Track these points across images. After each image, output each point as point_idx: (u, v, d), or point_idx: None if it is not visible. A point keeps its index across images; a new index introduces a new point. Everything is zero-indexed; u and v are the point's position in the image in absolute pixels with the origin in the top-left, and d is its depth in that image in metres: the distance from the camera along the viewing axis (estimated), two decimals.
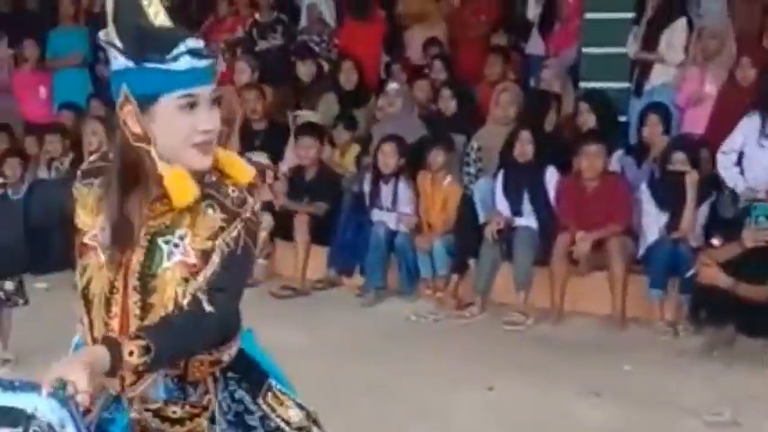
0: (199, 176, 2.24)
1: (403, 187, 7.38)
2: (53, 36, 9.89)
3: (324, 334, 6.32)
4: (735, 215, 6.43)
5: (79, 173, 2.33)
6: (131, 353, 2.10)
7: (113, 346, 2.11)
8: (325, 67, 9.26)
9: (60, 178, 2.28)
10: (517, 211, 7.02)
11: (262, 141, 8.45)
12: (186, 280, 2.23)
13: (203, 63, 2.18)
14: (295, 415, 2.46)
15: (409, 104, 8.25)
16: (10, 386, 2.06)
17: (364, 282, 7.35)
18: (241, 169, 2.31)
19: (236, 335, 2.41)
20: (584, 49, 8.14)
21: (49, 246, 2.37)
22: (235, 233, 2.25)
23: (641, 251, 6.73)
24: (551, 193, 7.01)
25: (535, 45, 8.97)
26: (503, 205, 7.05)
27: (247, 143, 8.46)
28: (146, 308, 2.25)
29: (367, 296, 7.23)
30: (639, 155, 7.26)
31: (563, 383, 5.51)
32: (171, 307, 2.23)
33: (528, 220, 6.99)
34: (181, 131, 2.17)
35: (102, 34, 2.20)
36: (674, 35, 7.65)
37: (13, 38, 10.13)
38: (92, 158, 2.37)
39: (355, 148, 8.21)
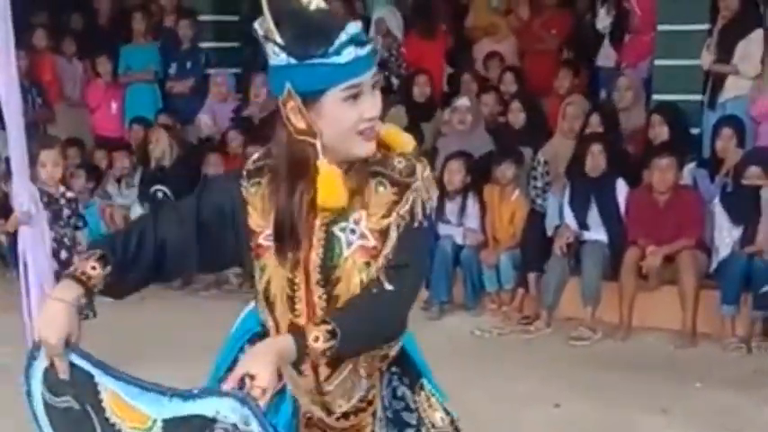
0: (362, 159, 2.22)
1: (470, 203, 7.33)
2: (125, 52, 10.00)
3: None
4: None
5: (245, 173, 2.30)
6: (317, 338, 2.11)
7: (298, 333, 2.13)
8: (393, 80, 9.24)
9: (230, 175, 2.23)
10: (585, 225, 6.91)
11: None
12: (368, 264, 2.21)
13: (365, 50, 2.13)
14: (440, 419, 2.46)
15: (477, 118, 8.19)
16: (190, 395, 2.09)
17: (429, 295, 7.29)
18: (402, 139, 2.28)
19: (406, 326, 2.39)
20: (657, 62, 8.02)
21: (220, 244, 2.33)
22: (408, 205, 2.22)
23: (713, 266, 6.59)
24: (621, 207, 6.89)
25: (606, 57, 8.85)
26: (570, 219, 6.94)
27: None
28: (331, 300, 2.24)
29: (432, 310, 7.17)
30: (712, 168, 7.11)
31: (630, 400, 5.40)
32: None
33: (597, 233, 6.88)
34: (346, 122, 2.15)
35: (258, 26, 2.15)
36: (750, 47, 7.48)
37: (85, 53, 10.30)
38: (254, 157, 2.33)
39: None
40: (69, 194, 5.89)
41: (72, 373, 2.20)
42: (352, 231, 2.21)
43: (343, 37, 2.08)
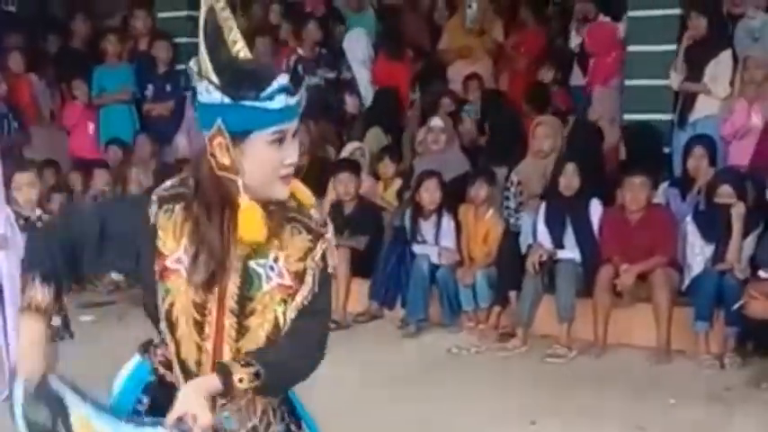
0: (280, 203, 2.34)
1: (446, 221, 7.38)
2: (98, 73, 10.00)
3: (365, 366, 6.30)
4: None
5: (156, 198, 2.37)
6: (241, 380, 2.25)
7: (226, 374, 2.25)
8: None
9: (135, 201, 2.31)
10: (559, 244, 6.96)
11: (303, 176, 8.49)
12: (284, 301, 2.34)
13: (293, 100, 2.24)
14: None
15: (452, 138, 8.26)
16: (142, 423, 2.26)
17: (406, 314, 7.34)
18: (305, 194, 2.42)
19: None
20: (627, 82, 8.11)
21: (122, 253, 2.43)
22: (321, 252, 2.38)
23: (686, 283, 6.65)
24: (595, 226, 6.95)
25: (577, 77, 8.95)
26: (544, 237, 7.00)
27: None
28: (242, 330, 2.34)
29: (409, 328, 7.21)
30: (684, 187, 7.20)
31: (606, 417, 5.44)
32: (269, 328, 2.34)
33: (571, 252, 6.93)
34: (269, 165, 2.26)
35: (193, 65, 2.25)
36: (719, 68, 7.58)
37: (61, 76, 10.29)
38: (168, 184, 2.41)
39: (397, 182, 8.23)
40: (46, 217, 5.88)
41: (47, 396, 2.33)
42: (271, 269, 2.33)
43: (275, 85, 2.19)
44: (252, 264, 2.32)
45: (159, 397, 2.41)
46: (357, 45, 9.77)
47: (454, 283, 7.21)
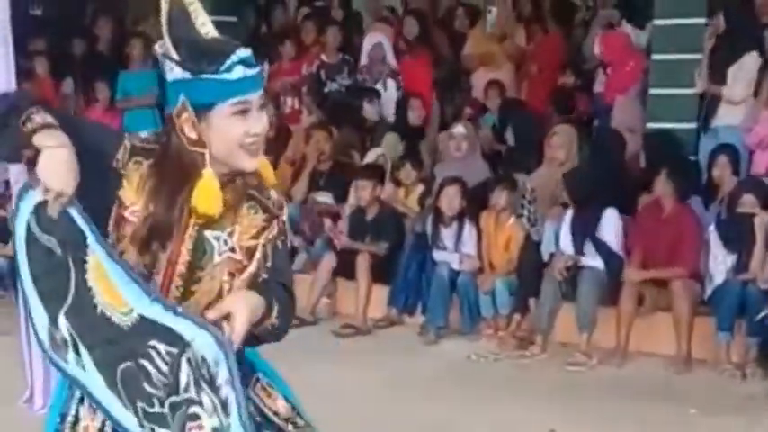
0: (243, 179, 2.41)
1: (467, 229, 7.37)
2: (123, 78, 10.07)
3: (385, 372, 6.29)
4: None
5: (128, 145, 2.39)
6: (275, 313, 2.35)
7: (270, 302, 2.34)
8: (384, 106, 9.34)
9: (114, 138, 2.32)
10: (581, 251, 6.94)
11: (326, 182, 8.54)
12: (232, 275, 2.40)
13: (253, 71, 2.32)
14: (282, 407, 2.55)
15: (473, 145, 8.25)
16: (172, 308, 2.24)
17: (425, 321, 7.33)
18: (270, 173, 2.47)
19: None
20: (652, 90, 8.07)
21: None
22: (275, 232, 2.45)
23: (708, 292, 6.61)
24: (612, 235, 6.91)
25: (601, 83, 8.92)
26: (567, 244, 6.98)
27: (312, 183, 8.55)
28: (186, 294, 2.39)
29: (428, 335, 7.20)
30: (708, 196, 7.16)
31: (626, 426, 5.42)
32: (211, 296, 2.37)
33: (594, 259, 6.91)
34: (234, 136, 2.32)
35: (158, 46, 2.34)
36: (741, 72, 7.51)
37: (84, 79, 10.34)
38: (143, 137, 2.46)
39: (419, 188, 8.23)
40: None
41: (63, 221, 2.25)
42: (225, 242, 2.39)
43: (234, 58, 2.27)
44: (207, 234, 2.38)
45: None
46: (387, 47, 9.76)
47: (474, 290, 7.20)
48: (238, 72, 2.28)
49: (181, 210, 2.35)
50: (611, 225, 6.92)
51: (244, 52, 2.30)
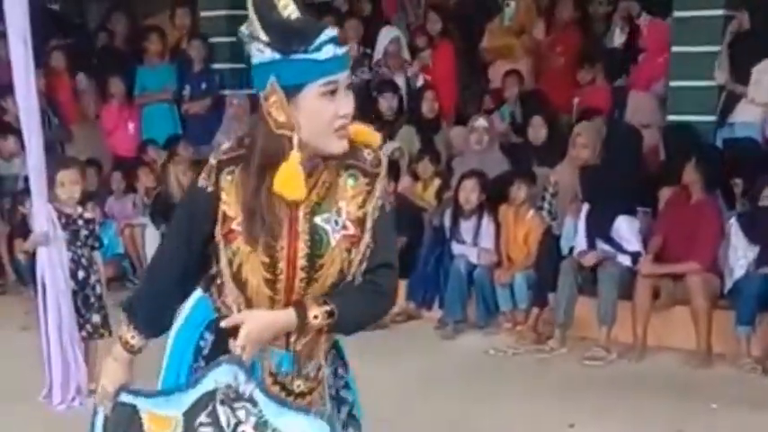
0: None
1: (485, 222, 7.35)
2: (141, 72, 10.08)
3: (403, 367, 6.29)
4: None
5: (215, 162, 2.42)
6: (316, 317, 2.39)
7: (302, 311, 2.38)
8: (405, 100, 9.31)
9: (195, 178, 2.55)
10: (594, 248, 6.91)
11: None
12: (349, 250, 2.42)
13: (341, 50, 2.31)
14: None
15: (492, 138, 8.23)
16: (196, 380, 2.43)
17: (443, 315, 7.32)
18: (369, 134, 2.45)
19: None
20: (672, 83, 8.03)
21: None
22: (378, 194, 2.44)
23: (728, 286, 6.57)
24: (627, 235, 6.88)
25: (622, 77, 8.87)
26: (582, 241, 6.96)
27: None
28: (311, 282, 2.42)
29: (446, 329, 7.19)
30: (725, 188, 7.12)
31: (646, 421, 5.39)
32: (335, 275, 2.42)
33: (616, 254, 6.88)
34: (323, 117, 2.30)
35: (243, 28, 2.33)
36: (765, 72, 7.45)
37: (100, 74, 10.36)
38: (225, 147, 2.46)
39: (437, 182, 8.21)
40: (87, 215, 5.92)
41: (120, 412, 2.58)
42: (336, 222, 2.39)
43: (323, 37, 2.26)
44: (317, 220, 2.38)
45: (222, 335, 2.50)
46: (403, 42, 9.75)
47: (491, 284, 7.18)
48: (328, 51, 2.26)
49: (268, 200, 2.34)
50: (624, 228, 6.88)
51: (332, 31, 2.28)
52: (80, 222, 5.80)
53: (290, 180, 2.29)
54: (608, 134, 7.72)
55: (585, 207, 7.05)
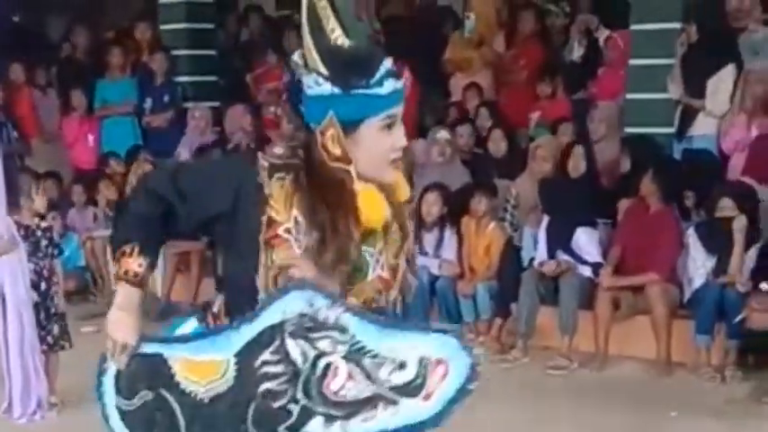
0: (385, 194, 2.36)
1: (448, 234, 7.38)
2: (100, 86, 10.04)
3: None
4: None
5: (266, 164, 2.33)
6: None
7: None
8: None
9: (241, 164, 2.45)
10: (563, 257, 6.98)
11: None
12: (379, 292, 2.39)
13: (400, 83, 2.29)
14: None
15: (454, 150, 8.26)
16: (254, 314, 2.24)
17: None
18: (404, 188, 2.43)
19: None
20: (629, 95, 8.11)
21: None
22: (407, 248, 2.45)
23: (687, 295, 6.64)
24: (588, 247, 6.95)
25: (580, 90, 8.94)
26: (543, 252, 7.02)
27: None
28: None
29: None
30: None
31: (608, 429, 5.44)
32: None
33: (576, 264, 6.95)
34: (380, 150, 2.30)
35: (298, 58, 2.29)
36: (720, 85, 7.54)
37: (62, 87, 10.31)
38: (279, 152, 2.40)
39: None
40: (44, 224, 5.88)
41: (140, 364, 2.40)
42: (377, 260, 2.37)
43: (382, 70, 2.24)
44: (364, 249, 2.35)
45: None
46: None
47: (453, 295, 7.21)
48: (389, 86, 2.24)
49: (350, 232, 2.30)
50: (584, 239, 6.95)
51: (388, 63, 2.26)
52: (39, 233, 5.77)
53: (375, 207, 2.28)
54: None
55: (546, 219, 7.12)
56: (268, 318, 2.22)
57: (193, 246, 8.24)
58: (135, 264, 2.39)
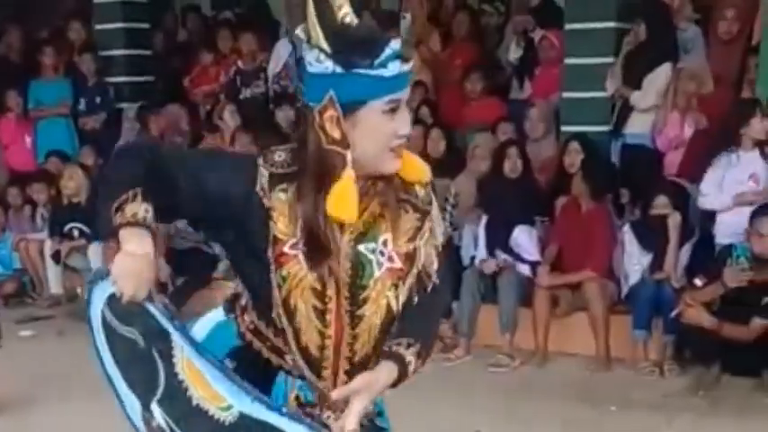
0: (385, 181, 2.22)
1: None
2: (34, 87, 9.91)
3: None
4: (717, 256, 6.45)
5: (267, 174, 2.19)
6: (410, 362, 2.25)
7: (402, 363, 2.23)
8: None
9: (240, 160, 2.32)
10: (494, 257, 7.06)
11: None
12: (395, 285, 2.26)
13: (407, 66, 2.15)
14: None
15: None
16: (276, 408, 2.17)
17: None
18: (420, 169, 2.28)
19: None
20: (565, 94, 8.20)
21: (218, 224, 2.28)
22: (428, 231, 2.29)
23: (624, 291, 6.76)
24: (525, 244, 7.04)
25: (517, 89, 9.02)
26: (482, 250, 7.09)
27: None
28: (355, 319, 2.26)
29: None
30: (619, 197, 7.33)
31: (548, 425, 5.52)
32: (382, 314, 2.26)
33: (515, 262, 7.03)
34: (382, 136, 2.14)
35: (301, 32, 2.15)
36: (655, 81, 7.61)
37: None
38: (279, 158, 2.22)
39: None
40: None
41: (142, 315, 2.18)
42: (381, 253, 2.23)
43: (388, 51, 2.09)
44: (361, 248, 2.22)
45: (244, 364, 2.31)
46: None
47: None
48: (394, 67, 2.09)
49: (325, 221, 2.17)
50: (522, 238, 7.04)
51: (396, 44, 2.11)
52: None
53: (343, 200, 2.12)
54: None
55: (484, 218, 7.19)
56: (286, 426, 2.15)
57: None
58: (141, 208, 2.14)
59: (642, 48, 7.65)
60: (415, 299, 2.30)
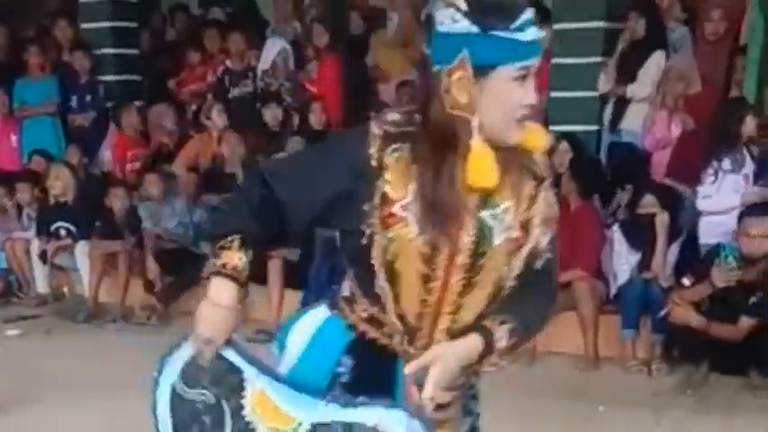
0: (510, 147, 2.14)
1: None
2: (19, 86, 9.87)
3: None
4: (705, 255, 6.47)
5: (380, 133, 2.13)
6: (500, 338, 2.17)
7: (488, 335, 2.15)
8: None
9: (356, 140, 2.15)
10: None
11: (235, 185, 8.50)
12: (510, 254, 2.19)
13: (542, 33, 2.09)
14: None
15: None
16: (351, 403, 2.12)
17: None
18: (540, 136, 2.21)
19: None
20: (553, 93, 8.20)
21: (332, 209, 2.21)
22: (542, 200, 2.23)
23: (613, 291, 6.77)
24: None
25: None
26: None
27: (221, 187, 8.47)
28: (468, 287, 2.18)
29: None
30: (609, 195, 7.33)
31: (538, 425, 5.51)
32: (492, 285, 2.19)
33: None
34: (509, 103, 2.07)
35: None
36: (651, 68, 7.63)
37: None
38: (394, 118, 2.16)
39: None
40: None
41: (216, 364, 2.20)
42: (502, 220, 2.16)
43: (525, 16, 2.03)
44: (484, 215, 2.14)
45: (363, 358, 2.26)
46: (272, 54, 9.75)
47: None
48: (531, 33, 2.03)
49: (450, 188, 2.09)
50: None
51: (531, 12, 2.04)
52: None
53: (484, 168, 2.04)
54: None
55: None
56: (362, 415, 2.10)
57: (120, 246, 8.15)
58: (235, 257, 2.15)
59: (636, 45, 7.67)
60: (526, 278, 2.23)
